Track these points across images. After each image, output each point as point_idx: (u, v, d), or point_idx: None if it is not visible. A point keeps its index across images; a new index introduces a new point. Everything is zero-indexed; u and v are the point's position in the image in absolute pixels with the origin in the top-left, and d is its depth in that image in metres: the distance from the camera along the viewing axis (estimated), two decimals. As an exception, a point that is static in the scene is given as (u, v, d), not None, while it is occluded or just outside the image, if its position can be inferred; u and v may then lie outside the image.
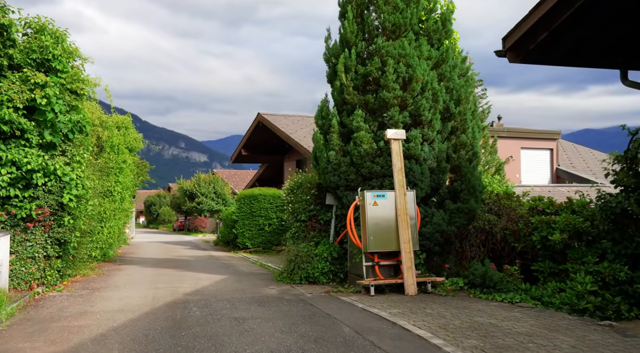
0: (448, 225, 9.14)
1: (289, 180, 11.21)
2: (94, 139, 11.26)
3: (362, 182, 9.59)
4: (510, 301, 7.65)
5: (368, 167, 9.38)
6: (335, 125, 9.81)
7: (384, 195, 8.80)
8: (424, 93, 9.55)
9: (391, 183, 9.24)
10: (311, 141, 22.85)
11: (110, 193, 14.05)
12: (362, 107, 9.74)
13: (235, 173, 59.73)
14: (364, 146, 9.37)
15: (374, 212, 8.71)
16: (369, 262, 8.81)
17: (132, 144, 17.59)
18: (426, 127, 9.64)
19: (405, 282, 8.31)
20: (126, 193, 16.64)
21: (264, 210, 19.36)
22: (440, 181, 9.65)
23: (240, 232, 19.43)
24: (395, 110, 9.40)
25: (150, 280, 10.53)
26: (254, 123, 25.47)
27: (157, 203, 66.37)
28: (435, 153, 9.63)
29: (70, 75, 8.49)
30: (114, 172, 14.31)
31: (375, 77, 9.63)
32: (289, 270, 10.01)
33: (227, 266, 13.96)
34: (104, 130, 12.30)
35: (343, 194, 9.75)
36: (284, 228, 19.45)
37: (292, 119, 25.57)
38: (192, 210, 45.53)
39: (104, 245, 13.43)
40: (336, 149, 9.77)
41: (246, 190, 20.01)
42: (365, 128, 9.47)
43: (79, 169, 8.81)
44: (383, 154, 9.42)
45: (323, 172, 9.96)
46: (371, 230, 8.64)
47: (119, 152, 14.73)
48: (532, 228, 8.85)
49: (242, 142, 27.40)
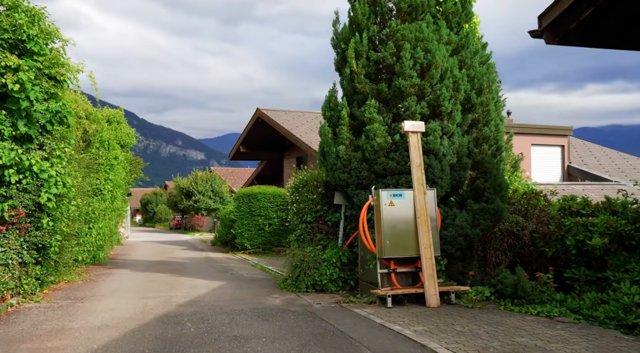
0: (472, 228, 8.21)
1: (293, 177, 10.27)
2: (79, 132, 10.31)
3: (375, 180, 8.66)
4: (548, 315, 6.73)
5: (382, 163, 8.45)
6: (345, 117, 8.87)
7: (401, 194, 7.87)
8: (443, 81, 8.62)
9: (408, 181, 8.31)
10: (313, 137, 21.92)
11: (100, 192, 13.09)
12: (374, 97, 8.80)
13: (233, 171, 58.73)
14: (378, 140, 8.43)
15: (391, 213, 7.78)
16: (384, 269, 7.88)
17: (124, 140, 16.62)
18: (446, 119, 8.71)
19: (427, 292, 7.39)
20: (118, 191, 15.69)
21: (264, 210, 18.42)
22: (461, 178, 8.73)
23: (239, 232, 18.49)
24: (412, 100, 8.46)
25: (140, 288, 9.58)
26: (253, 118, 24.51)
27: (154, 201, 65.36)
28: (455, 147, 8.70)
29: (48, 59, 7.52)
30: (103, 169, 13.34)
31: (389, 63, 8.69)
32: (293, 277, 9.08)
33: (225, 270, 13.02)
34: (91, 123, 11.33)
35: (354, 193, 8.82)
36: (285, 229, 18.54)
37: (292, 115, 24.62)
38: (189, 208, 44.56)
39: (93, 247, 12.47)
40: (346, 143, 8.83)
41: (245, 189, 19.07)
42: (379, 120, 8.54)
43: (59, 165, 7.85)
44: (399, 149, 8.48)
45: (331, 168, 9.02)
46: (387, 234, 7.71)
47: (109, 148, 13.77)
48: (565, 231, 7.94)
49: (240, 138, 26.43)
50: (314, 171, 10.23)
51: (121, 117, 16.23)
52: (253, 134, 25.60)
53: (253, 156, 28.65)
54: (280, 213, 18.37)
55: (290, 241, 10.09)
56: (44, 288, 8.76)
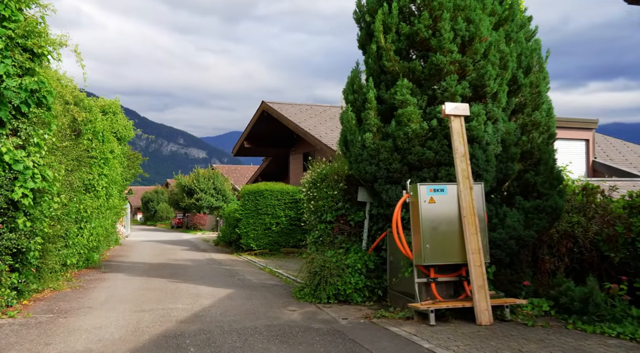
0: (525, 229, 6.96)
1: (310, 171, 9.02)
2: (66, 119, 9.08)
3: (408, 173, 7.42)
4: (632, 337, 5.50)
5: (417, 153, 7.20)
6: (372, 100, 7.63)
7: (443, 189, 6.63)
8: (488, 57, 7.37)
9: (448, 174, 7.08)
10: (322, 130, 20.68)
11: (93, 188, 11.87)
12: (406, 77, 7.56)
13: (235, 168, 57.49)
14: (412, 125, 7.18)
15: (431, 211, 6.55)
16: (422, 278, 6.65)
17: (121, 132, 15.41)
18: (490, 102, 7.47)
19: (477, 306, 6.16)
20: (114, 188, 14.47)
21: (271, 208, 17.21)
22: (508, 171, 7.47)
23: (244, 232, 17.29)
24: (452, 79, 7.21)
25: (136, 297, 8.36)
26: (258, 112, 23.28)
27: (155, 199, 64.20)
28: (500, 135, 7.45)
29: (21, 27, 6.30)
30: (97, 163, 12.12)
31: (423, 37, 7.45)
32: (312, 285, 7.85)
33: (231, 274, 11.80)
34: (81, 110, 10.09)
35: (382, 188, 7.58)
36: (293, 229, 17.34)
37: (299, 108, 23.39)
38: (190, 206, 43.38)
39: (84, 250, 11.26)
40: (373, 130, 7.59)
41: (251, 185, 17.86)
42: (413, 102, 7.29)
43: (38, 155, 6.64)
44: (437, 136, 7.24)
45: (355, 160, 7.78)
46: (427, 236, 6.47)
47: (104, 140, 12.55)
48: (637, 233, 6.71)
49: (244, 133, 25.21)
50: (333, 164, 8.99)
51: (117, 107, 15.01)
52: (258, 129, 24.39)
53: (258, 152, 27.41)
54: (289, 212, 17.18)
55: (306, 243, 8.85)
56: (24, 299, 7.55)
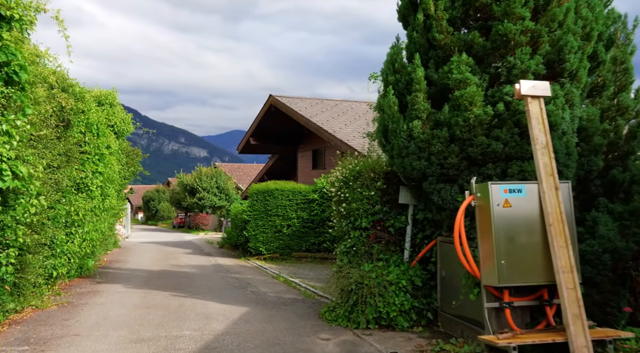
0: (621, 240, 5.56)
1: (339, 167, 7.59)
2: (50, 106, 7.69)
3: (467, 169, 6.03)
4: None
5: (481, 145, 5.81)
6: (421, 80, 6.23)
7: (520, 189, 5.23)
8: (566, 24, 5.97)
9: (521, 170, 5.68)
10: (336, 125, 19.23)
11: (86, 188, 10.50)
12: (461, 52, 6.17)
13: (238, 166, 56.12)
14: (475, 110, 5.79)
15: (506, 218, 5.16)
16: (493, 302, 5.26)
17: (118, 126, 14.03)
18: (567, 81, 6.06)
19: (574, 342, 4.75)
20: (111, 187, 13.10)
21: (282, 209, 15.83)
22: (591, 166, 6.06)
23: (252, 235, 15.92)
24: (524, 53, 5.81)
25: (134, 319, 6.98)
26: (265, 107, 21.89)
27: (156, 198, 62.92)
28: (578, 122, 6.05)
29: (-18, -20, 4.95)
30: (91, 160, 10.75)
31: (484, 2, 6.06)
32: (346, 306, 6.46)
33: (242, 284, 10.43)
34: (70, 97, 8.71)
35: (433, 188, 6.19)
36: (306, 231, 15.97)
37: (309, 102, 22.00)
38: (192, 206, 42.05)
39: (75, 258, 9.88)
40: (423, 117, 6.20)
41: (259, 184, 16.48)
42: (474, 81, 5.90)
43: (7, 146, 5.26)
44: (505, 123, 5.83)
45: (399, 154, 6.39)
46: (503, 250, 5.08)
47: (99, 134, 11.17)
48: None
49: (250, 129, 23.81)
50: (367, 159, 7.57)
51: (114, 98, 13.64)
52: (265, 125, 23.01)
53: (264, 149, 26.00)
54: (301, 213, 15.81)
55: (337, 254, 7.45)
56: (-3, 322, 6.19)
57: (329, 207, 15.70)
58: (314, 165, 23.06)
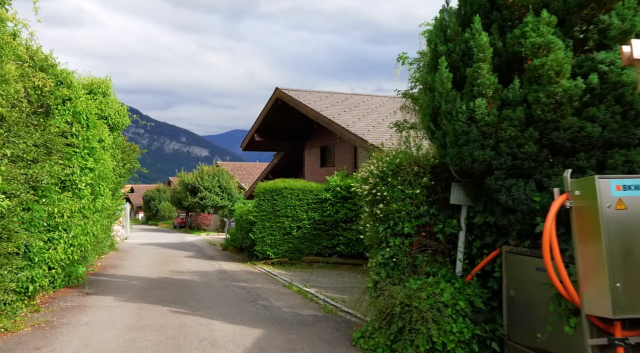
0: None
1: (373, 159, 6.23)
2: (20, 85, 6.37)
3: (548, 160, 4.70)
4: None
5: (570, 128, 4.47)
6: (486, 47, 4.90)
7: (639, 185, 3.91)
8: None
9: (627, 161, 4.35)
10: (349, 119, 17.80)
11: (73, 186, 9.18)
12: (536, 12, 4.84)
13: (241, 165, 54.83)
14: (564, 83, 4.44)
15: (620, 223, 3.82)
16: (600, 338, 3.92)
17: (113, 118, 12.71)
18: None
19: None
20: (105, 185, 11.78)
21: (291, 209, 14.51)
22: None
23: (259, 237, 14.60)
24: (627, 6, 4.48)
25: (122, 348, 5.66)
26: (271, 101, 20.57)
27: (157, 198, 61.70)
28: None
29: None
30: (79, 154, 9.43)
31: (567, -52, 4.73)
32: (388, 333, 5.12)
33: (251, 296, 9.11)
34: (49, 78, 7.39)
35: (501, 185, 4.86)
36: (318, 233, 14.62)
37: (317, 95, 20.68)
38: (194, 206, 40.76)
39: (58, 267, 8.57)
40: (488, 94, 4.86)
41: (267, 183, 15.15)
42: (559, 46, 4.56)
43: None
44: (604, 100, 4.50)
45: (454, 142, 5.05)
46: (617, 267, 3.75)
47: (88, 125, 9.85)
48: None
49: (255, 125, 22.49)
50: (407, 152, 6.21)
51: (108, 87, 12.32)
52: (270, 120, 21.69)
53: (269, 146, 24.63)
54: (312, 214, 14.48)
55: (371, 267, 6.09)
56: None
57: (343, 207, 14.39)
58: (322, 163, 21.74)
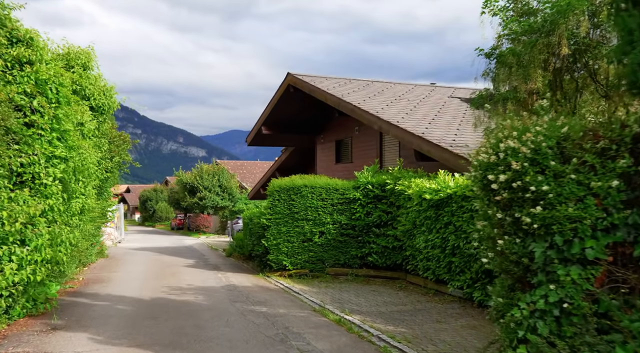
0: None
1: (506, 130, 3.72)
2: None
3: None
4: None
5: None
6: None
7: None
8: None
9: None
10: (376, 105, 14.81)
11: (35, 180, 6.73)
12: None
13: (242, 164, 52.38)
14: None
15: None
16: None
17: (97, 99, 10.24)
18: None
19: None
20: (85, 181, 9.33)
21: (312, 211, 12.10)
22: None
23: (273, 245, 12.19)
24: None
25: None
26: (282, 88, 18.14)
27: (154, 198, 59.28)
28: None
29: None
30: (45, 138, 6.98)
31: None
32: None
33: (278, 332, 6.67)
34: None
35: None
36: (345, 240, 12.13)
37: (335, 81, 18.25)
38: (193, 206, 38.27)
39: (15, 289, 6.10)
40: None
41: (282, 180, 12.70)
42: None
43: None
44: None
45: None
46: None
47: (59, 101, 7.39)
48: None
49: (262, 116, 20.05)
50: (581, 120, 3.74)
51: (89, 59, 9.86)
52: (280, 111, 19.27)
53: (277, 140, 22.10)
54: (338, 217, 12.06)
55: (514, 316, 3.61)
56: None
57: (376, 209, 11.94)
58: (338, 159, 19.30)
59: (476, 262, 8.35)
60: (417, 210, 10.06)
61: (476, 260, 8.36)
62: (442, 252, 9.33)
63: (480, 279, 8.37)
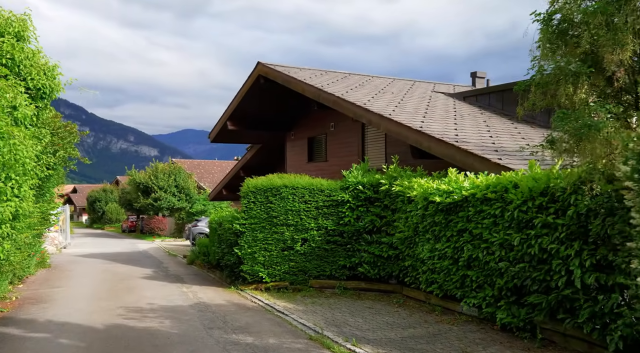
0: None
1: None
2: None
3: None
4: None
5: None
6: None
7: None
8: None
9: None
10: (361, 97, 13.11)
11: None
12: None
13: (198, 163, 49.85)
14: None
15: None
16: None
17: (36, 80, 8.29)
18: None
19: None
20: (18, 180, 7.37)
21: (294, 215, 10.56)
22: None
23: (248, 253, 10.57)
24: None
25: None
26: (251, 79, 16.43)
27: (103, 199, 55.79)
28: None
29: None
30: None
31: None
32: None
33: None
34: None
35: None
36: (332, 248, 10.57)
37: (311, 72, 16.72)
38: (147, 208, 35.74)
39: None
40: None
41: (259, 180, 11.06)
42: None
43: None
44: None
45: None
46: None
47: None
48: None
49: (228, 110, 18.26)
50: None
51: (25, 28, 7.90)
52: (247, 104, 17.53)
53: (243, 137, 20.32)
54: (323, 222, 10.57)
55: None
56: None
57: (368, 213, 10.43)
58: (310, 157, 17.79)
59: (501, 276, 7.08)
60: (421, 214, 8.71)
61: (501, 275, 7.08)
62: (454, 264, 8.02)
63: (504, 297, 7.09)
